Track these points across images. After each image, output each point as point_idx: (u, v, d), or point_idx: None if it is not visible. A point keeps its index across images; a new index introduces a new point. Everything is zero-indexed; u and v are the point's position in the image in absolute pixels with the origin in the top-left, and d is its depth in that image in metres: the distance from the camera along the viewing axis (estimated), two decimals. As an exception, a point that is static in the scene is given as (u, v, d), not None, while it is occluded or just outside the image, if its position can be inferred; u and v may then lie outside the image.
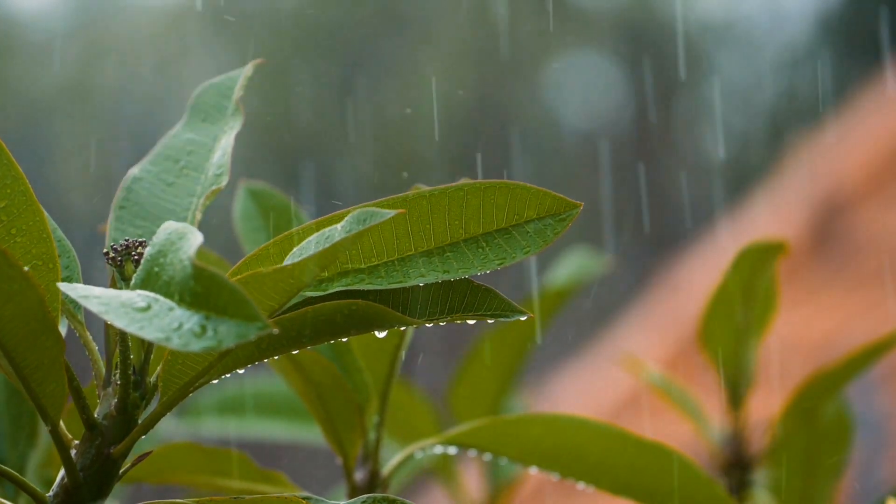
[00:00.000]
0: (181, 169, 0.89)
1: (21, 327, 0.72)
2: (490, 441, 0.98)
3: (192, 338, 0.65)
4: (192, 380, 0.76)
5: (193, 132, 0.91)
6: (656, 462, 0.98)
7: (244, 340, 0.64)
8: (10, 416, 1.04)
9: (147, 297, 0.69)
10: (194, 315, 0.66)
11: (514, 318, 0.79)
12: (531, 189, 0.80)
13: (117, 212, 0.88)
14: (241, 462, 0.98)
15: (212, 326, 0.66)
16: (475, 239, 0.80)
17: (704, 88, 5.38)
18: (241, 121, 0.90)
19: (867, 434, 2.91)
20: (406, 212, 0.79)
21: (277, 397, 1.44)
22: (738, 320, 1.40)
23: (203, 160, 0.89)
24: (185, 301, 0.67)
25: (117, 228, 0.87)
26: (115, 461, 0.78)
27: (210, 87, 0.93)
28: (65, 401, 0.77)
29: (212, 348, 0.65)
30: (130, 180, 0.89)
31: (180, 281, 0.68)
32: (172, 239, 0.72)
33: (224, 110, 0.91)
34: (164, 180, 0.89)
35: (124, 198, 0.88)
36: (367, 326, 0.77)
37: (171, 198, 0.88)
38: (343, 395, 0.95)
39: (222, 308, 0.66)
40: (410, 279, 0.79)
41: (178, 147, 0.90)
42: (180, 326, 0.66)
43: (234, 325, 0.65)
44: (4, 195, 0.79)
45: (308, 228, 0.80)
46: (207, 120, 0.91)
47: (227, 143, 0.88)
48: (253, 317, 0.65)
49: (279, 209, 1.04)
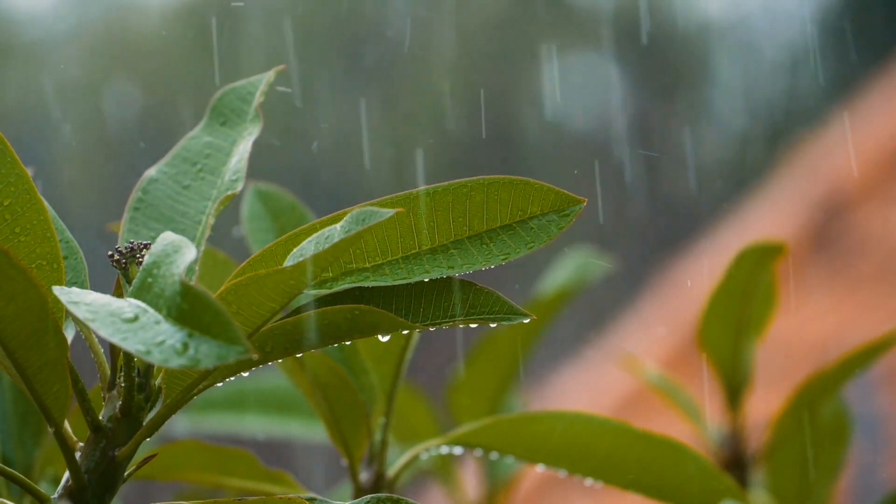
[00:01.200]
0: (197, 172, 0.89)
1: (23, 328, 0.72)
2: (496, 440, 0.97)
3: (173, 354, 0.65)
4: (194, 382, 0.76)
5: (212, 135, 0.90)
6: (665, 456, 0.97)
7: (223, 363, 0.64)
8: (17, 415, 1.03)
9: (137, 307, 0.69)
10: (179, 331, 0.66)
11: (518, 321, 0.79)
12: (535, 185, 0.80)
13: (132, 213, 0.87)
14: (246, 461, 0.98)
15: (194, 345, 0.66)
16: (479, 236, 0.80)
17: (704, 88, 5.38)
18: (260, 126, 0.89)
19: (867, 435, 2.92)
20: (406, 210, 0.79)
21: (280, 392, 1.44)
22: (737, 321, 1.41)
23: (220, 164, 0.89)
24: (172, 316, 0.67)
25: (131, 230, 0.87)
26: (119, 463, 0.78)
27: (231, 90, 0.92)
28: (69, 402, 0.76)
29: (190, 367, 0.65)
30: (146, 181, 0.88)
31: (169, 296, 0.68)
32: (168, 251, 0.72)
33: (244, 115, 0.91)
34: (180, 182, 0.88)
35: (139, 199, 0.88)
36: (371, 331, 0.77)
37: (186, 200, 0.88)
38: (349, 396, 0.95)
39: (206, 327, 0.66)
40: (415, 276, 0.79)
41: (195, 150, 0.90)
42: (163, 342, 0.66)
43: (215, 346, 0.65)
44: (8, 193, 0.79)
45: (311, 228, 0.80)
46: (227, 124, 0.91)
47: (244, 149, 0.88)
48: (235, 339, 0.65)
49: (287, 210, 1.04)
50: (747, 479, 1.44)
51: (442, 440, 0.97)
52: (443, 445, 0.97)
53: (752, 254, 1.37)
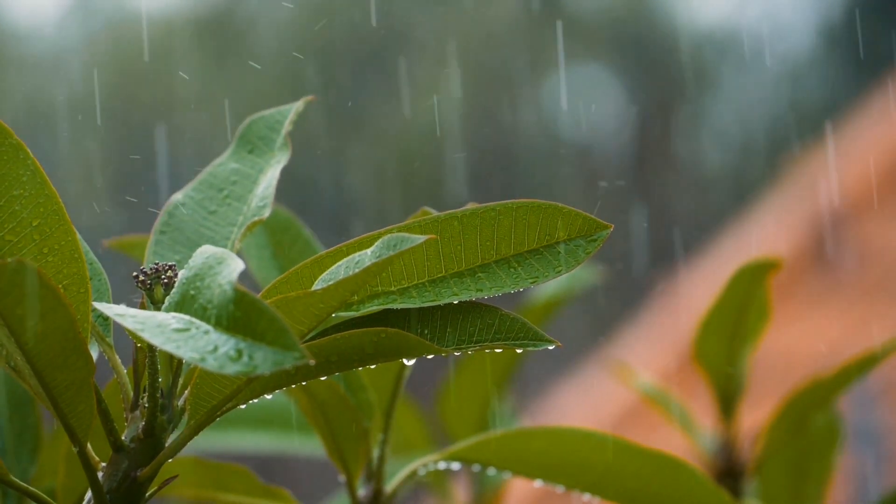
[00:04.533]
0: (224, 198, 0.89)
1: (52, 347, 0.72)
2: (494, 456, 0.97)
3: (228, 361, 0.65)
4: (219, 403, 0.76)
5: (239, 162, 0.90)
6: (662, 472, 0.97)
7: (280, 368, 0.64)
8: (14, 432, 1.03)
9: (182, 319, 0.69)
10: (230, 339, 0.66)
11: (543, 347, 0.79)
12: (562, 209, 0.80)
13: (157, 236, 0.88)
14: (243, 477, 0.98)
15: (248, 352, 0.66)
16: (506, 259, 0.80)
17: (705, 101, 5.39)
18: (288, 154, 0.90)
19: (866, 447, 2.92)
20: (437, 237, 0.79)
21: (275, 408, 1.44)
22: (731, 334, 1.42)
23: (246, 191, 0.89)
24: (222, 325, 0.67)
25: (156, 253, 0.87)
26: (141, 484, 0.78)
27: (259, 119, 0.92)
28: (93, 422, 0.77)
29: (246, 373, 0.65)
30: (172, 205, 0.89)
31: (219, 304, 0.68)
32: (210, 263, 0.72)
33: (272, 143, 0.91)
34: (207, 208, 0.89)
35: (165, 222, 0.88)
36: (396, 354, 0.77)
37: (212, 225, 0.88)
38: (347, 413, 0.95)
39: (260, 334, 0.66)
40: (443, 298, 0.79)
41: (222, 176, 0.90)
42: (216, 349, 0.66)
43: (270, 353, 0.65)
44: (38, 213, 0.79)
45: (338, 252, 0.80)
46: (254, 152, 0.91)
47: (272, 176, 0.88)
48: (290, 346, 0.65)
49: (283, 226, 1.04)
50: (741, 489, 1.45)
51: (440, 456, 0.97)
52: (441, 461, 0.97)
53: (749, 270, 1.38)
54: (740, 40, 5.26)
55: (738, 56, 5.30)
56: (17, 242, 0.79)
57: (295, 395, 0.96)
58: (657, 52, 5.12)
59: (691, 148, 5.18)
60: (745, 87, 5.23)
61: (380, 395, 1.02)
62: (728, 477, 1.45)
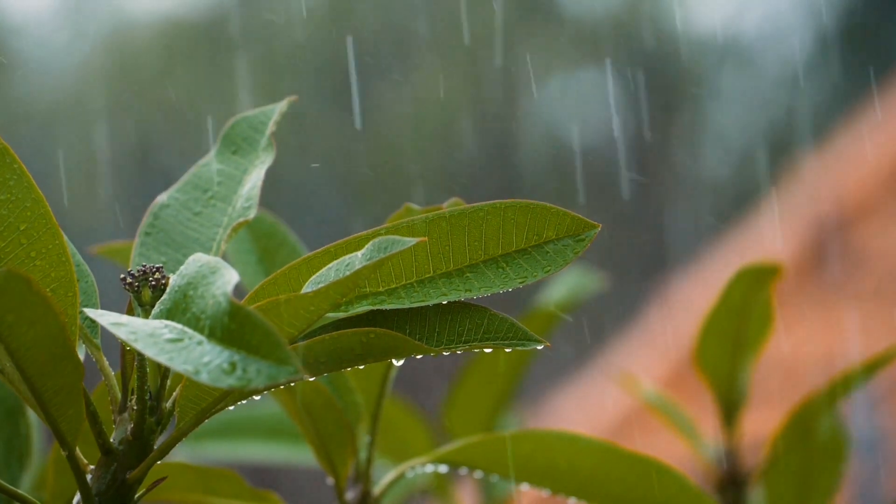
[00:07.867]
0: (209, 199, 0.89)
1: (42, 353, 0.72)
2: (480, 458, 0.97)
3: (221, 374, 0.65)
4: (208, 406, 0.76)
5: (223, 163, 0.90)
6: (648, 477, 0.98)
7: (273, 383, 0.64)
8: (2, 439, 1.03)
9: (175, 328, 0.69)
10: (224, 351, 0.66)
11: (532, 347, 0.79)
12: (551, 209, 0.80)
13: (142, 238, 0.88)
14: (232, 481, 0.98)
15: (242, 365, 0.65)
16: (495, 259, 0.80)
17: (704, 106, 5.39)
18: (272, 155, 0.90)
19: (868, 453, 2.91)
20: (427, 238, 0.79)
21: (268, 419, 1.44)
22: (733, 340, 1.41)
23: (231, 192, 0.89)
24: (216, 336, 0.67)
25: (142, 254, 0.87)
26: (130, 486, 0.78)
27: (243, 119, 0.92)
28: (82, 426, 0.77)
29: (240, 387, 0.65)
30: (157, 207, 0.89)
31: (212, 315, 0.68)
32: (204, 272, 0.71)
33: (256, 144, 0.91)
34: (191, 209, 0.89)
35: (150, 224, 0.88)
36: (385, 355, 0.77)
37: (197, 227, 0.88)
38: (334, 415, 0.95)
39: (255, 348, 0.66)
40: (432, 299, 0.79)
41: (206, 177, 0.90)
42: (209, 362, 0.66)
43: (265, 367, 0.65)
44: (25, 218, 0.79)
45: (326, 253, 0.79)
46: (238, 152, 0.91)
47: (257, 177, 0.88)
48: (285, 360, 0.65)
49: (269, 231, 1.04)
50: (744, 498, 1.44)
51: (427, 458, 0.98)
52: (428, 464, 0.98)
53: (749, 274, 1.37)
54: (740, 45, 5.27)
55: (737, 60, 5.30)
56: (4, 247, 0.79)
57: (281, 397, 0.96)
58: (656, 56, 5.12)
59: (690, 152, 5.18)
60: (745, 92, 5.23)
61: (366, 396, 1.02)
62: (731, 485, 1.44)
